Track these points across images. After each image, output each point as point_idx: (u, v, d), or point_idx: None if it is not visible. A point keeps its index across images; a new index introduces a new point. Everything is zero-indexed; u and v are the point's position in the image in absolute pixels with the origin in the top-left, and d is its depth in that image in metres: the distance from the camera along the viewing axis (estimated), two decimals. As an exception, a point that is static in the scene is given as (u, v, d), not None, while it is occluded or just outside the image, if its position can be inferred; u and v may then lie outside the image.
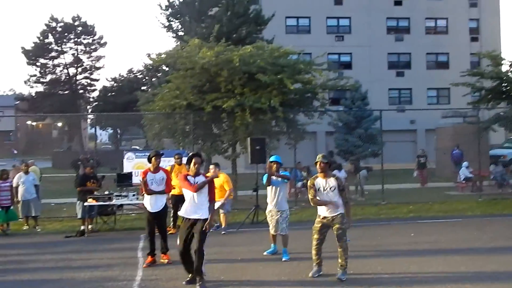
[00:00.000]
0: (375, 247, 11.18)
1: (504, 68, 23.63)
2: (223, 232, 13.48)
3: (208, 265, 8.09)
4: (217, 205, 13.67)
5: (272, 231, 10.60)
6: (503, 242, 11.59)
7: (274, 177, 10.45)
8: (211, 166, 13.95)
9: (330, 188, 8.64)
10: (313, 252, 8.86)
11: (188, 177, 8.55)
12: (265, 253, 10.69)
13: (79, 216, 14.16)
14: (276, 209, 10.45)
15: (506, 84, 22.81)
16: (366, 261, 9.81)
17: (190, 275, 8.50)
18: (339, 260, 8.67)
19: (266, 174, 10.55)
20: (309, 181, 8.96)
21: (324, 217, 8.74)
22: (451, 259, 9.98)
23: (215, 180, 13.45)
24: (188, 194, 8.55)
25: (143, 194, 14.61)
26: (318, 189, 8.71)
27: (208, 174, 13.95)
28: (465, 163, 22.52)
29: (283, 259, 10.13)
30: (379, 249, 11.06)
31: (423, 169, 24.88)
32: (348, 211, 8.87)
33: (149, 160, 10.33)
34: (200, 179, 8.56)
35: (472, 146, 21.77)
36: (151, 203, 10.15)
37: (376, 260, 9.78)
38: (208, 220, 8.37)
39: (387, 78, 44.04)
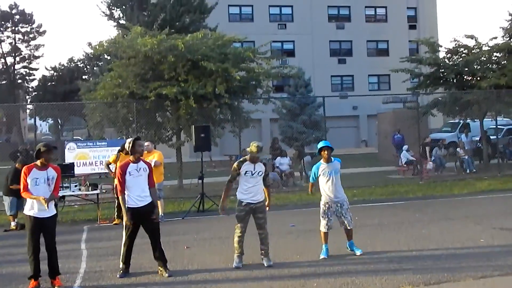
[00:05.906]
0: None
1: (441, 54, 24.34)
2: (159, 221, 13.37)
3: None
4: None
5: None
6: (442, 223, 11.95)
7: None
8: (147, 143, 13.73)
9: (257, 173, 8.67)
10: (236, 241, 8.74)
11: (131, 165, 8.28)
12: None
13: (8, 212, 13.63)
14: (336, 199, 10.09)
15: (443, 70, 23.51)
16: (311, 243, 9.96)
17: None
18: (262, 247, 8.74)
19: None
20: (235, 164, 8.86)
21: (247, 204, 8.67)
22: (394, 240, 10.24)
23: (149, 155, 13.41)
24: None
25: (86, 185, 14.38)
26: (245, 173, 8.65)
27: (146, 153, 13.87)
28: (405, 147, 23.09)
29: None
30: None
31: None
32: (269, 195, 8.93)
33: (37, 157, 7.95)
34: (141, 165, 8.33)
35: (412, 131, 22.36)
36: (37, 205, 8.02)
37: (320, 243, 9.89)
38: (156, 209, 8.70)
39: (329, 65, 44.64)
